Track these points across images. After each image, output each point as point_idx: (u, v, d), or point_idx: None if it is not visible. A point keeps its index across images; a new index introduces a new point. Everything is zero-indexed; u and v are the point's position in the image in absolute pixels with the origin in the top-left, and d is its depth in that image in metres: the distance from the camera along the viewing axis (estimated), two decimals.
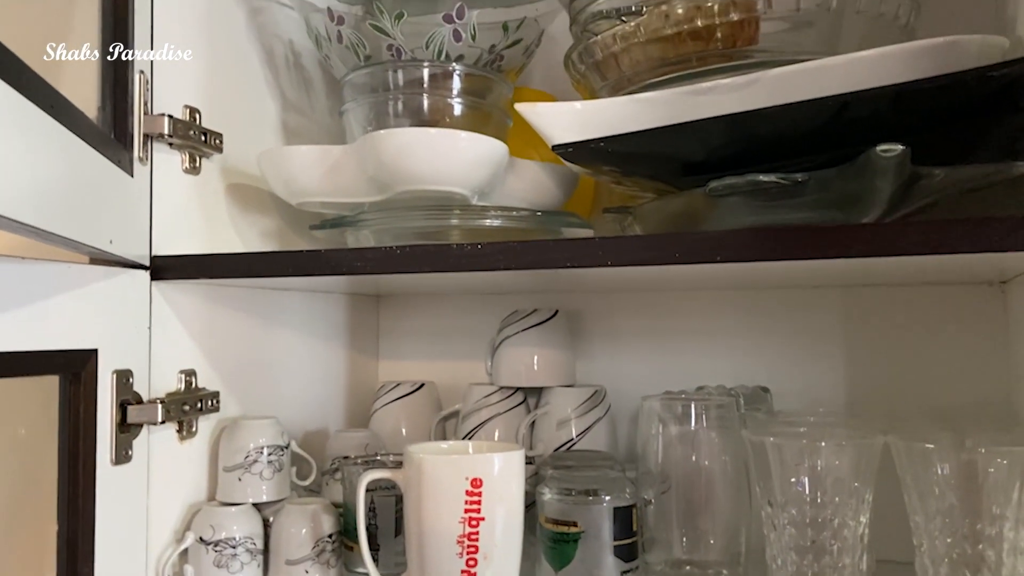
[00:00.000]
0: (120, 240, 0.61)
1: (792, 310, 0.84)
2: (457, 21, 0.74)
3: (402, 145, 0.66)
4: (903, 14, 0.62)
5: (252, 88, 0.81)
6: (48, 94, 0.46)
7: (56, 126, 0.47)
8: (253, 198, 0.80)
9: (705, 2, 0.62)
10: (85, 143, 0.51)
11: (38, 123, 0.45)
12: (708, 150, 0.61)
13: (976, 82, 0.51)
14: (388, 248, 0.61)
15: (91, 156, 0.53)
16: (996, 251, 0.46)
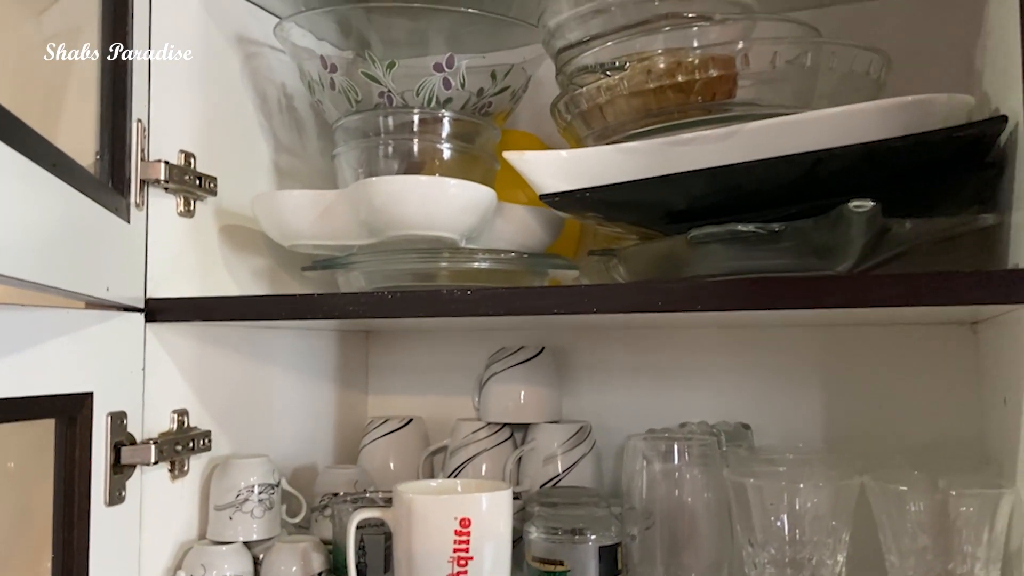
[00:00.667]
0: (116, 286, 0.62)
1: (772, 348, 0.86)
2: (447, 70, 0.76)
3: (394, 192, 0.68)
4: (874, 70, 0.65)
5: (246, 131, 0.83)
6: (50, 153, 0.48)
7: (58, 183, 0.48)
8: (245, 239, 0.81)
9: (685, 58, 0.64)
10: (85, 196, 0.53)
11: (41, 182, 0.47)
12: (690, 200, 0.63)
13: (943, 141, 0.54)
14: (380, 293, 0.63)
15: (90, 208, 0.55)
16: (962, 304, 0.48)
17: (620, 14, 0.69)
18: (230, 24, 0.81)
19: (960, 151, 0.56)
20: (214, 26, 0.79)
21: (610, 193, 0.63)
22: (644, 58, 0.66)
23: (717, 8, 0.69)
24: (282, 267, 0.85)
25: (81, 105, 0.68)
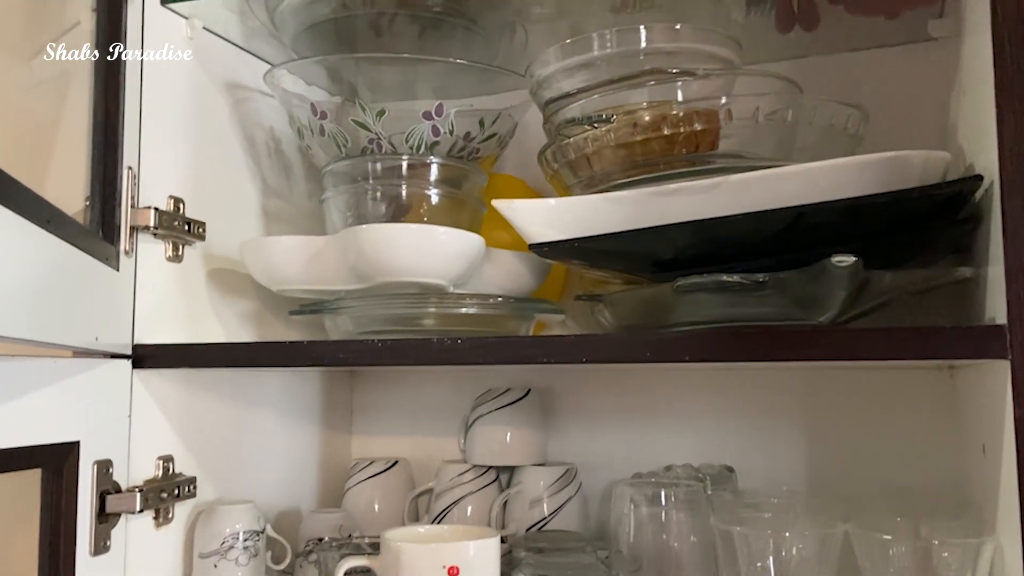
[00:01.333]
0: (105, 334, 0.62)
1: (756, 389, 0.87)
2: (436, 118, 0.78)
3: (383, 239, 0.69)
4: (852, 124, 0.67)
5: (234, 175, 0.84)
6: (44, 209, 0.48)
7: (51, 239, 0.49)
8: (233, 282, 0.82)
9: (670, 111, 0.66)
10: (76, 248, 0.53)
11: (36, 239, 0.47)
12: (676, 250, 0.64)
13: (921, 198, 0.55)
14: (370, 341, 0.63)
15: (81, 260, 0.55)
16: (942, 359, 0.49)
17: (606, 68, 0.70)
18: (220, 70, 0.82)
19: (937, 206, 0.58)
20: (204, 73, 0.80)
21: (598, 243, 0.64)
22: (630, 111, 0.67)
23: (700, 63, 0.70)
24: (269, 310, 0.86)
25: (71, 149, 0.69)
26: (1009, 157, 0.49)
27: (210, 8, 0.78)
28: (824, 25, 0.78)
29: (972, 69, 0.62)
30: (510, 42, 0.89)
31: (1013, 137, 0.49)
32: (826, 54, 0.86)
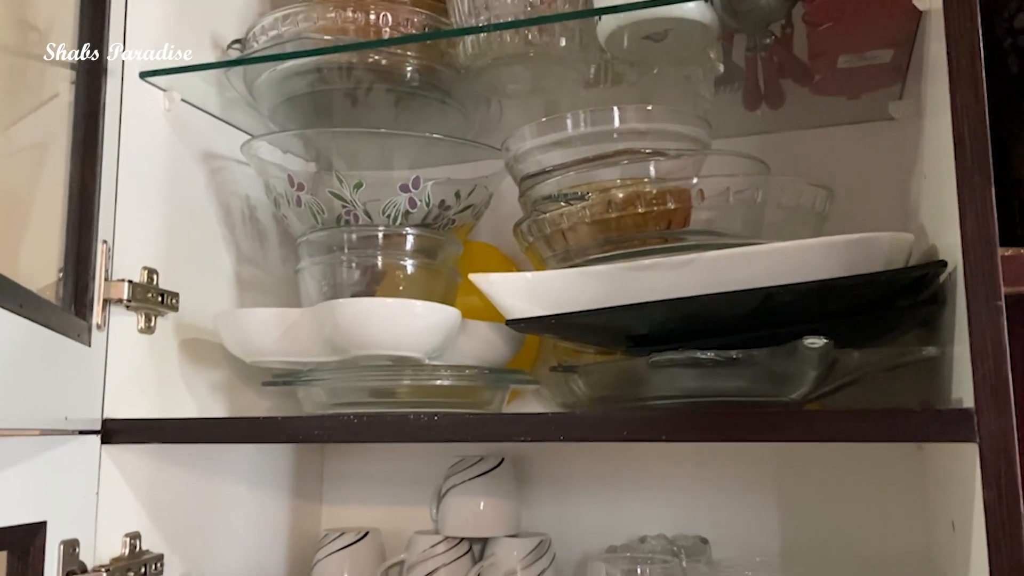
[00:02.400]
0: (75, 412, 0.61)
1: (730, 461, 0.87)
2: (413, 190, 0.78)
3: (359, 312, 0.69)
4: (819, 204, 0.69)
5: (209, 244, 0.83)
6: (17, 294, 0.48)
7: (24, 323, 0.48)
8: (204, 352, 0.81)
9: (643, 190, 0.67)
10: (49, 329, 0.53)
11: (8, 324, 0.47)
12: (651, 326, 0.65)
13: (888, 281, 0.57)
14: (345, 417, 0.63)
15: (54, 340, 0.55)
16: (913, 440, 0.50)
17: (581, 146, 0.72)
18: (197, 140, 0.82)
19: (903, 287, 0.60)
20: (181, 144, 0.80)
21: (575, 319, 0.65)
22: (604, 188, 0.69)
23: (672, 141, 0.72)
24: (241, 380, 0.85)
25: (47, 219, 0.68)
26: (972, 249, 0.50)
27: (188, 81, 0.78)
28: (789, 104, 0.80)
29: (932, 153, 0.64)
30: (486, 113, 0.91)
31: (975, 229, 0.51)
32: (791, 130, 0.89)
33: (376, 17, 0.78)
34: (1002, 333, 0.50)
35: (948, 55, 0.53)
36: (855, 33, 0.68)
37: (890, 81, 0.77)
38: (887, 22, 0.66)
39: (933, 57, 0.62)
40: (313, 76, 0.81)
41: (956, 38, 0.53)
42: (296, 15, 0.79)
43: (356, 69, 0.80)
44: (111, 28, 0.72)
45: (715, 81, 0.78)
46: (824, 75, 0.76)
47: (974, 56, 0.52)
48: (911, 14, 0.63)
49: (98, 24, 0.72)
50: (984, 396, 0.50)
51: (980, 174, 0.51)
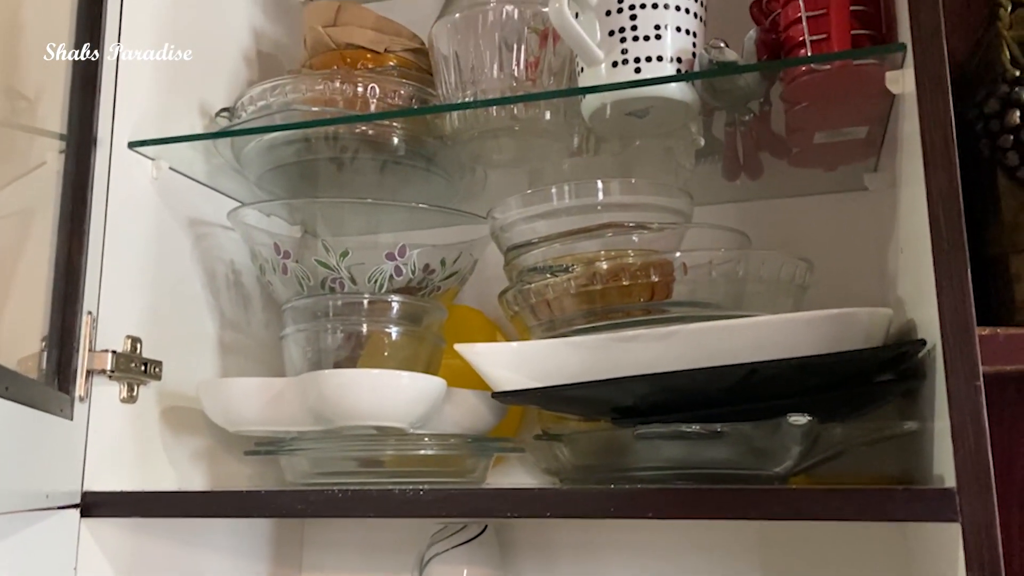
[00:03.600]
0: (56, 488, 0.60)
1: (715, 529, 0.87)
2: (399, 259, 0.79)
3: (344, 383, 0.69)
4: (799, 276, 0.70)
5: (193, 310, 0.83)
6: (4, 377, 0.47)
7: (9, 405, 0.48)
8: (186, 419, 0.80)
9: (627, 262, 0.68)
10: (33, 408, 0.52)
11: None
12: (636, 398, 0.66)
13: (869, 358, 0.58)
14: (329, 491, 0.63)
15: (37, 419, 0.54)
16: (898, 520, 0.51)
17: (565, 217, 0.73)
18: (183, 207, 0.83)
19: (883, 363, 0.61)
20: (168, 211, 0.80)
21: (561, 392, 0.65)
22: (589, 260, 0.69)
23: (655, 213, 0.74)
24: (223, 448, 0.84)
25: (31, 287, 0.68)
26: (950, 330, 0.52)
27: (176, 149, 0.79)
28: (768, 174, 0.82)
29: (908, 228, 0.66)
30: (471, 179, 0.92)
31: (952, 311, 0.52)
32: (770, 199, 0.91)
33: (364, 89, 0.79)
34: (982, 413, 0.51)
35: (922, 139, 0.55)
36: (831, 112, 0.70)
37: (865, 155, 0.79)
38: (862, 102, 0.68)
39: (907, 134, 0.64)
40: (300, 145, 0.82)
41: (930, 122, 0.55)
42: (284, 86, 0.80)
43: (343, 138, 0.81)
44: (101, 97, 0.73)
45: (696, 153, 0.80)
46: (801, 149, 0.78)
47: (947, 141, 0.54)
48: (885, 95, 0.65)
49: (88, 94, 0.72)
50: (965, 476, 0.51)
51: (956, 257, 0.53)
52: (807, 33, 0.63)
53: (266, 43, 0.98)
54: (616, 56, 0.67)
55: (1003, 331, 0.56)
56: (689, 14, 0.67)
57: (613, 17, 0.67)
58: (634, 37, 0.66)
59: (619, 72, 0.66)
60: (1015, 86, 0.60)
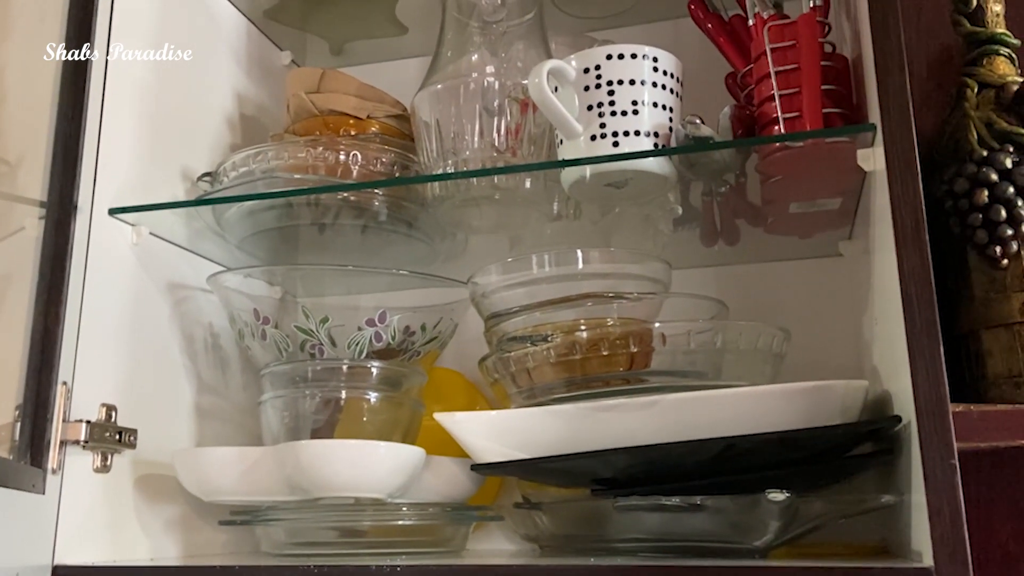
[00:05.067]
0: (25, 564, 0.59)
1: None
2: (379, 324, 0.79)
3: (322, 454, 0.68)
4: (776, 345, 0.71)
5: (170, 376, 0.83)
6: None
7: None
8: (160, 488, 0.79)
9: (606, 332, 0.69)
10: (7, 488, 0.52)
11: None
12: (616, 470, 0.66)
13: (844, 433, 0.59)
14: (305, 567, 0.62)
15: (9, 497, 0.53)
16: None
17: (546, 285, 0.73)
18: (163, 271, 0.83)
19: (859, 437, 0.61)
20: (147, 276, 0.80)
21: (540, 464, 0.65)
22: (569, 329, 0.70)
23: (633, 281, 0.75)
24: (197, 516, 0.83)
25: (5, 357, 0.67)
26: (924, 409, 0.52)
27: (157, 215, 0.79)
28: (744, 241, 0.83)
29: (882, 300, 0.67)
30: (451, 243, 0.92)
31: (926, 390, 0.53)
32: (747, 263, 0.92)
33: (346, 156, 0.80)
34: (957, 492, 0.51)
35: (894, 220, 0.56)
36: (805, 185, 0.72)
37: (839, 224, 0.81)
38: (835, 176, 0.69)
39: (879, 208, 0.65)
40: (282, 210, 0.82)
41: (900, 203, 0.56)
42: (266, 152, 0.80)
43: (325, 203, 0.82)
44: (83, 164, 0.73)
45: (674, 221, 0.81)
46: (777, 218, 0.79)
47: (918, 222, 0.55)
48: (857, 170, 0.66)
49: (70, 162, 0.72)
50: (943, 556, 0.51)
51: (929, 336, 0.54)
52: (780, 111, 0.65)
53: (249, 106, 0.99)
54: (595, 130, 0.68)
55: (976, 408, 0.56)
56: (666, 90, 0.69)
57: (591, 92, 0.68)
58: (612, 112, 0.67)
59: (598, 145, 0.67)
60: (982, 166, 0.62)
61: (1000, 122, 0.62)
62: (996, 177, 0.61)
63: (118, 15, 0.77)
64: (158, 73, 0.83)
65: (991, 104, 0.63)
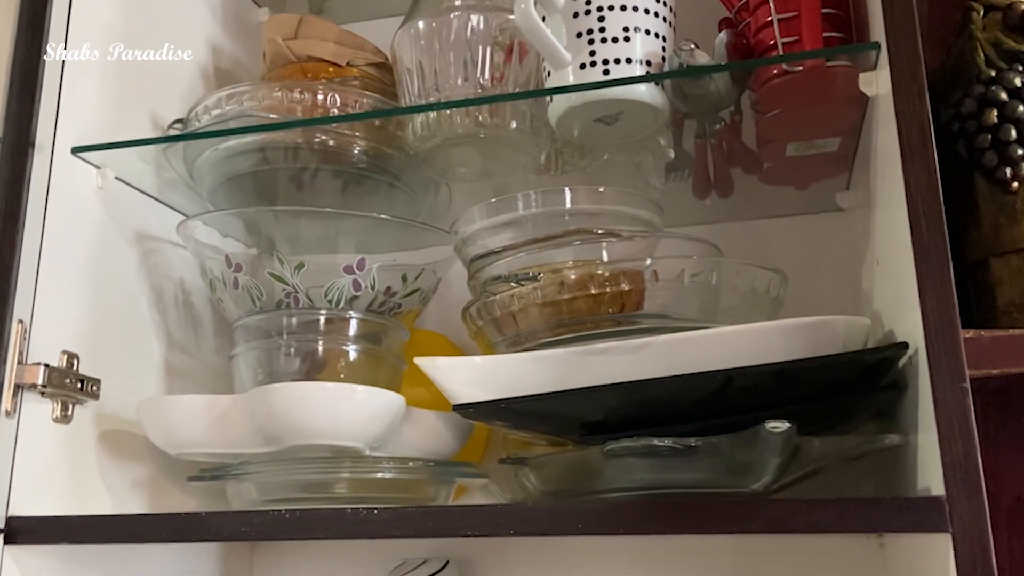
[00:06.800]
0: None
1: (686, 562, 0.83)
2: (358, 272, 0.76)
3: (296, 399, 0.65)
4: (773, 288, 0.68)
5: (137, 329, 0.79)
6: None
7: None
8: (126, 445, 0.75)
9: (596, 271, 0.66)
10: None
11: None
12: (605, 412, 0.62)
13: (848, 363, 0.55)
14: (277, 513, 0.58)
15: None
16: (884, 531, 0.48)
17: (531, 227, 0.70)
18: (130, 220, 0.79)
19: (862, 372, 0.58)
20: (113, 223, 0.76)
21: (525, 404, 0.61)
22: (556, 269, 0.67)
23: (623, 224, 0.71)
24: (165, 476, 0.78)
25: None
26: (934, 329, 0.49)
27: (124, 158, 0.75)
28: (738, 194, 0.80)
29: (886, 239, 0.64)
30: (434, 200, 0.89)
31: (936, 309, 0.50)
32: (740, 220, 0.89)
33: (324, 98, 0.76)
34: (970, 415, 0.48)
35: (899, 135, 0.53)
36: (803, 121, 0.69)
37: (837, 171, 0.78)
38: (834, 110, 0.66)
39: (881, 144, 0.62)
40: (256, 157, 0.79)
41: (906, 118, 0.53)
42: (241, 94, 0.77)
43: (302, 150, 0.78)
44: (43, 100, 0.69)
45: (665, 168, 0.78)
46: (773, 164, 0.76)
47: (925, 136, 0.53)
48: (858, 102, 0.64)
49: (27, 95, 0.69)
50: (955, 483, 0.48)
51: (938, 253, 0.51)
52: (778, 36, 0.62)
53: (224, 60, 0.95)
54: (584, 58, 0.65)
55: (987, 333, 0.53)
56: (658, 18, 0.66)
57: (581, 19, 0.65)
58: (602, 39, 0.64)
59: (587, 74, 0.64)
60: (991, 85, 0.59)
61: (1008, 41, 0.59)
62: (1006, 96, 0.58)
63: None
64: (127, 13, 0.79)
65: (998, 25, 0.60)
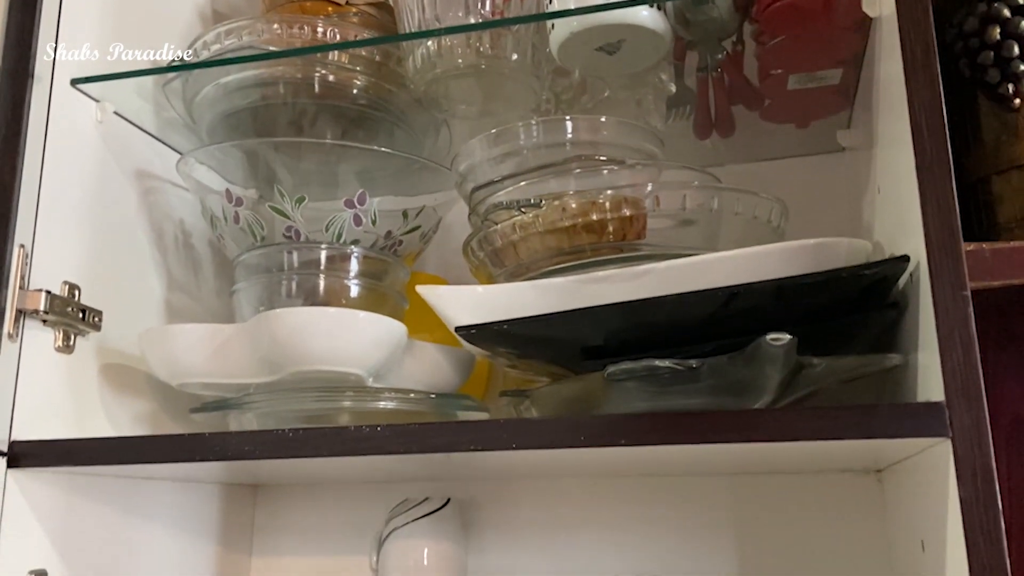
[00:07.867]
0: None
1: (682, 498, 0.83)
2: (358, 207, 0.75)
3: (299, 324, 0.65)
4: (774, 218, 0.68)
5: (138, 266, 0.79)
6: None
7: None
8: (128, 379, 0.75)
9: (598, 198, 0.66)
10: None
11: None
12: (606, 335, 0.62)
13: (850, 279, 0.55)
14: (279, 432, 0.58)
15: None
16: (881, 437, 0.48)
17: (532, 156, 0.70)
18: (130, 158, 0.79)
19: (862, 291, 0.58)
20: (113, 159, 0.76)
21: (526, 327, 0.61)
22: (558, 196, 0.66)
23: (624, 155, 0.71)
24: (166, 411, 0.79)
25: None
26: (936, 240, 0.49)
27: (123, 93, 0.75)
28: (739, 134, 0.80)
29: (887, 168, 0.64)
30: (434, 142, 0.89)
31: (937, 219, 0.50)
32: (741, 163, 0.89)
33: (324, 32, 0.76)
34: (970, 323, 0.49)
35: (903, 51, 0.53)
36: (805, 50, 0.69)
37: (839, 107, 0.78)
38: (836, 37, 0.66)
39: (884, 73, 0.62)
40: (256, 93, 0.78)
41: (910, 35, 0.53)
42: (241, 29, 0.76)
43: (302, 85, 0.78)
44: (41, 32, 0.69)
45: (667, 104, 0.78)
46: (774, 99, 0.76)
47: (929, 51, 0.52)
48: (860, 27, 0.63)
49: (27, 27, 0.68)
50: (955, 388, 0.48)
51: (940, 165, 0.51)
52: None
53: (221, 3, 0.94)
54: None
55: (988, 246, 0.54)
56: None
57: None
58: None
59: None
60: (993, 2, 0.59)
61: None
62: (1008, 12, 0.58)
63: None
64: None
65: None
